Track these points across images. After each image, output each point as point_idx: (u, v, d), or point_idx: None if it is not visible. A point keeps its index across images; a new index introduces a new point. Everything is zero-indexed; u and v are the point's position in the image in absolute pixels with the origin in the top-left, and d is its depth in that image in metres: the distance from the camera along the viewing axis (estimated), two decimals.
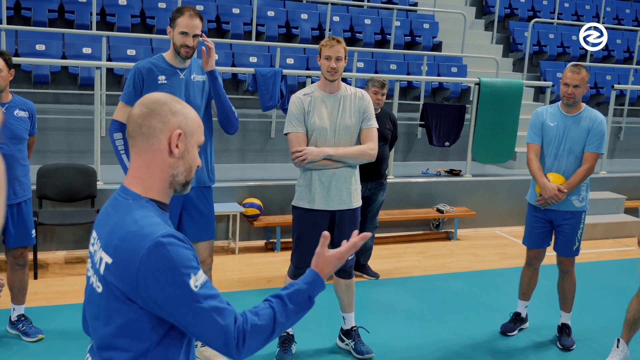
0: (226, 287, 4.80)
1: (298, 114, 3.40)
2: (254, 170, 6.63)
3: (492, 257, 5.98)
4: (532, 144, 3.95)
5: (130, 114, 1.52)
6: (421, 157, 7.89)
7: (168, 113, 1.49)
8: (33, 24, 7.38)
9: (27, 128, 3.55)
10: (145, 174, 1.50)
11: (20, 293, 3.73)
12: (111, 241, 1.45)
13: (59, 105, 6.77)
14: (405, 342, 4.01)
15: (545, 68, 9.77)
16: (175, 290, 1.38)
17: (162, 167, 1.50)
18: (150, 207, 1.49)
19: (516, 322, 4.26)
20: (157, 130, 1.48)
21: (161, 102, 1.51)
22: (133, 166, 1.53)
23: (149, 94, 1.55)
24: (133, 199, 1.49)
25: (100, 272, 1.47)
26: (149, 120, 1.48)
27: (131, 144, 1.52)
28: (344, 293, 3.73)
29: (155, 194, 1.51)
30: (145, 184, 1.51)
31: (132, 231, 1.41)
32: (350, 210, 3.50)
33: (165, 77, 3.30)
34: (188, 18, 3.22)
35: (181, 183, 1.54)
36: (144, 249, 1.38)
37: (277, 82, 5.98)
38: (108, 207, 1.55)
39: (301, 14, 8.77)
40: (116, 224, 1.46)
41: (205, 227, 3.48)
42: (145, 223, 1.42)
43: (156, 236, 1.39)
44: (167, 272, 1.37)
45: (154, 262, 1.37)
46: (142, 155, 1.50)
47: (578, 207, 3.94)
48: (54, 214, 5.00)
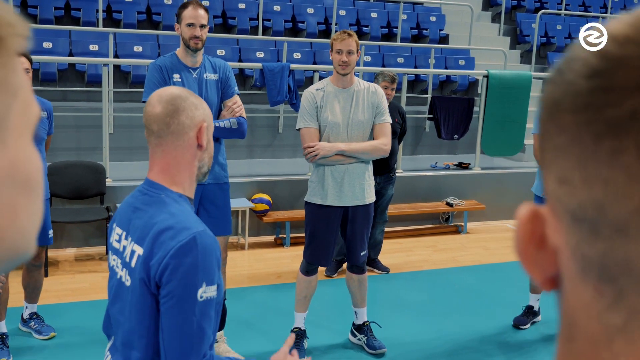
0: (236, 282, 4.79)
1: (310, 109, 3.38)
2: (262, 166, 6.61)
3: (502, 250, 5.95)
4: (538, 134, 3.93)
5: (152, 113, 1.50)
6: (429, 150, 7.85)
7: (192, 107, 1.50)
8: (39, 21, 7.38)
9: (46, 128, 3.52)
10: (175, 170, 1.51)
11: (35, 292, 3.73)
12: (146, 233, 1.45)
13: (66, 103, 6.77)
14: (417, 336, 3.99)
15: (553, 59, 9.70)
16: (184, 289, 1.37)
17: (192, 161, 1.52)
18: (184, 202, 1.50)
19: (529, 316, 4.24)
20: (187, 126, 1.49)
21: (183, 97, 1.51)
22: (159, 164, 1.51)
23: (162, 89, 1.54)
24: (165, 194, 1.49)
25: (131, 265, 1.47)
26: (177, 118, 1.48)
27: (157, 142, 1.50)
28: (357, 288, 3.72)
29: (184, 189, 1.52)
30: (175, 180, 1.51)
31: (169, 225, 1.42)
32: (364, 206, 3.48)
33: (179, 75, 3.32)
34: (193, 10, 3.29)
35: (205, 173, 1.57)
36: (179, 242, 1.39)
37: (284, 77, 5.95)
38: (134, 202, 1.54)
39: (307, 8, 8.73)
40: (151, 217, 1.46)
41: (222, 223, 3.49)
42: (183, 217, 1.44)
43: (193, 232, 1.41)
44: (188, 271, 1.38)
45: (184, 258, 1.38)
46: (171, 152, 1.50)
47: None
48: (64, 212, 5.00)
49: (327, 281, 4.87)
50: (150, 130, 1.51)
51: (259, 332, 3.94)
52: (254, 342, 3.81)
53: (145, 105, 1.54)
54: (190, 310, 1.38)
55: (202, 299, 1.39)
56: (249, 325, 4.01)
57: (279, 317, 4.14)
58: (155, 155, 1.52)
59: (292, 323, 3.77)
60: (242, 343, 3.75)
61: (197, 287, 1.38)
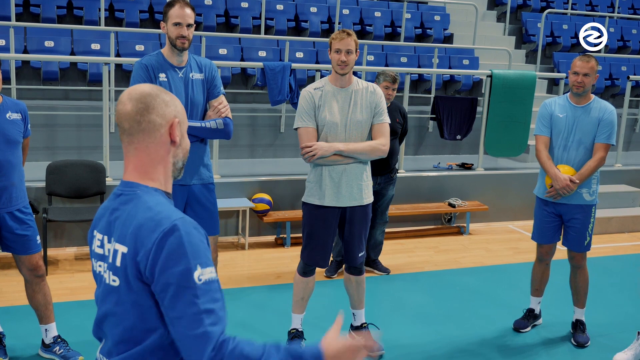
0: (236, 283, 4.77)
1: (308, 109, 3.35)
2: (263, 165, 6.59)
3: (504, 252, 5.90)
4: (540, 135, 3.90)
5: (122, 111, 1.49)
6: (432, 150, 7.80)
7: (162, 105, 1.50)
8: (42, 20, 7.38)
9: (21, 131, 3.28)
10: (149, 168, 1.51)
11: (47, 309, 3.44)
12: (126, 231, 1.44)
13: (68, 102, 6.77)
14: (416, 339, 3.96)
15: (558, 59, 9.62)
16: (178, 276, 1.35)
17: (165, 157, 1.52)
18: (159, 195, 1.50)
19: (529, 319, 4.19)
20: (158, 124, 1.49)
21: (153, 95, 1.50)
22: (133, 162, 1.51)
23: (133, 87, 1.53)
24: (140, 190, 1.49)
25: (116, 265, 1.45)
26: (147, 116, 1.48)
27: (128, 140, 1.50)
28: (355, 289, 3.69)
29: (160, 184, 1.52)
30: (151, 176, 1.51)
31: (147, 217, 1.42)
32: (362, 206, 3.45)
33: (165, 74, 3.28)
34: (179, 9, 3.25)
35: (179, 168, 1.57)
36: (160, 231, 1.38)
37: (286, 76, 5.92)
38: (112, 205, 1.53)
39: (310, 7, 8.70)
40: (129, 214, 1.46)
41: (210, 223, 3.46)
42: (160, 208, 1.43)
43: (173, 219, 1.40)
44: (177, 257, 1.36)
45: (169, 244, 1.37)
46: (143, 150, 1.50)
47: (588, 201, 3.86)
48: (64, 211, 4.99)
49: (326, 282, 4.84)
50: (122, 129, 1.50)
51: (258, 333, 3.91)
52: None
53: (116, 104, 1.53)
54: (193, 296, 1.35)
55: (202, 281, 1.36)
56: (246, 327, 3.98)
57: (277, 317, 4.12)
58: (128, 154, 1.52)
59: (290, 323, 3.73)
60: None
61: (192, 271, 1.36)
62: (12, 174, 3.22)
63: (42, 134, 6.08)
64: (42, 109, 6.24)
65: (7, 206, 3.24)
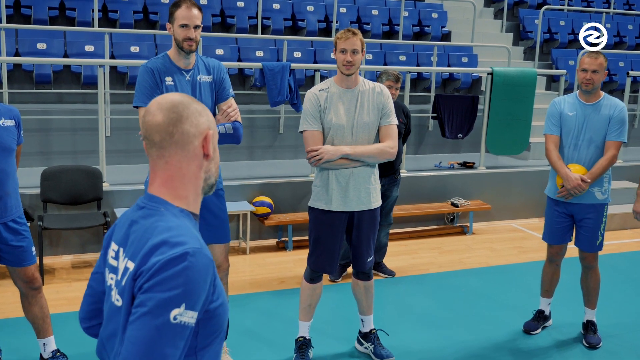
0: (238, 289, 4.66)
1: (314, 111, 3.24)
2: (263, 168, 6.48)
3: (509, 252, 5.82)
4: (550, 134, 3.81)
5: (152, 122, 1.36)
6: (433, 149, 7.72)
7: (196, 114, 1.38)
8: (33, 22, 7.24)
9: (15, 138, 3.15)
10: (179, 183, 1.38)
11: (45, 322, 3.32)
12: (139, 248, 1.32)
13: (62, 105, 6.63)
14: (425, 344, 3.86)
15: (556, 56, 9.56)
16: (157, 302, 1.22)
17: (197, 173, 1.39)
18: (185, 218, 1.37)
19: (539, 320, 4.11)
20: (192, 135, 1.36)
21: (185, 104, 1.38)
22: (162, 176, 1.38)
23: (161, 96, 1.40)
24: (165, 207, 1.36)
25: (122, 283, 1.33)
26: (180, 127, 1.35)
27: (158, 154, 1.37)
28: (363, 295, 3.59)
29: (188, 204, 1.39)
30: (179, 193, 1.38)
31: (163, 239, 1.28)
32: (370, 210, 3.35)
33: (171, 78, 3.15)
34: (186, 9, 3.09)
35: (211, 184, 1.44)
36: (168, 255, 1.25)
37: (285, 76, 5.82)
38: (133, 216, 1.40)
39: (307, 6, 8.59)
40: (147, 231, 1.33)
41: (221, 231, 3.35)
42: (179, 232, 1.30)
43: (187, 247, 1.27)
44: (169, 285, 1.23)
45: (170, 269, 1.24)
46: (174, 164, 1.37)
47: (600, 200, 3.79)
48: (60, 218, 4.87)
49: (332, 286, 4.74)
50: (152, 142, 1.37)
51: (263, 341, 3.81)
52: (258, 352, 3.68)
53: (144, 114, 1.40)
54: (156, 329, 1.21)
55: (176, 321, 1.23)
56: (252, 335, 3.88)
57: (284, 325, 4.01)
58: (156, 168, 1.39)
59: (297, 331, 3.64)
60: (246, 354, 3.62)
61: (174, 305, 1.22)
62: (6, 183, 3.09)
63: (35, 139, 5.95)
64: (36, 113, 6.10)
65: (1, 217, 3.11)
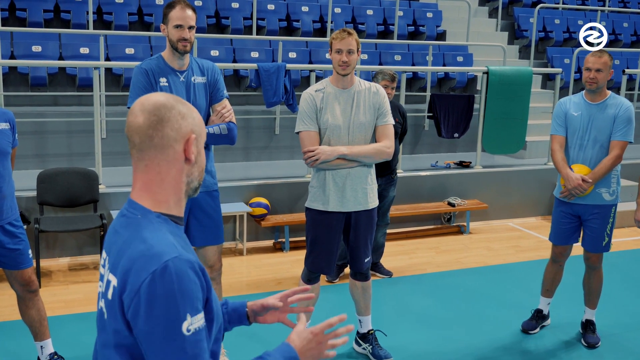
0: (235, 290, 4.65)
1: (310, 112, 3.23)
2: (259, 168, 6.47)
3: (506, 251, 5.82)
4: (555, 135, 3.79)
5: (133, 124, 1.34)
6: (429, 149, 7.72)
7: (178, 117, 1.35)
8: (28, 24, 7.21)
9: (10, 141, 3.13)
10: (158, 188, 1.36)
11: (42, 325, 3.30)
12: (118, 261, 1.30)
13: (57, 108, 6.61)
14: (423, 344, 3.86)
15: (552, 54, 9.58)
16: (165, 326, 1.21)
17: (178, 177, 1.36)
18: (162, 223, 1.34)
19: (538, 320, 4.11)
20: (172, 139, 1.34)
21: (168, 106, 1.34)
22: (141, 180, 1.37)
23: (146, 96, 1.37)
24: (142, 214, 1.34)
25: (108, 296, 1.32)
26: (160, 130, 1.33)
27: (138, 157, 1.35)
28: (361, 296, 3.58)
29: (169, 208, 1.37)
30: (158, 198, 1.36)
31: (140, 251, 1.27)
32: (367, 211, 3.34)
33: (166, 79, 3.14)
34: (180, 10, 3.09)
35: (195, 188, 1.42)
36: (149, 272, 1.23)
37: (280, 77, 5.81)
38: (116, 225, 1.40)
39: (302, 7, 8.59)
40: (125, 243, 1.31)
41: (214, 232, 3.34)
42: (155, 242, 1.27)
43: (165, 259, 1.24)
44: (165, 304, 1.22)
45: (158, 289, 1.22)
46: (154, 168, 1.35)
47: (608, 201, 3.75)
48: (56, 220, 4.85)
49: (329, 287, 4.74)
50: (132, 143, 1.35)
51: (262, 342, 3.80)
52: (256, 353, 3.66)
53: (128, 114, 1.38)
54: (180, 349, 1.22)
55: (190, 332, 1.23)
56: (251, 337, 3.87)
57: (281, 326, 4.00)
58: (137, 170, 1.37)
59: None
60: (243, 355, 3.61)
61: (181, 320, 1.22)
62: (1, 186, 3.07)
63: (31, 142, 5.92)
64: (31, 116, 6.08)
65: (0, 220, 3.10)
